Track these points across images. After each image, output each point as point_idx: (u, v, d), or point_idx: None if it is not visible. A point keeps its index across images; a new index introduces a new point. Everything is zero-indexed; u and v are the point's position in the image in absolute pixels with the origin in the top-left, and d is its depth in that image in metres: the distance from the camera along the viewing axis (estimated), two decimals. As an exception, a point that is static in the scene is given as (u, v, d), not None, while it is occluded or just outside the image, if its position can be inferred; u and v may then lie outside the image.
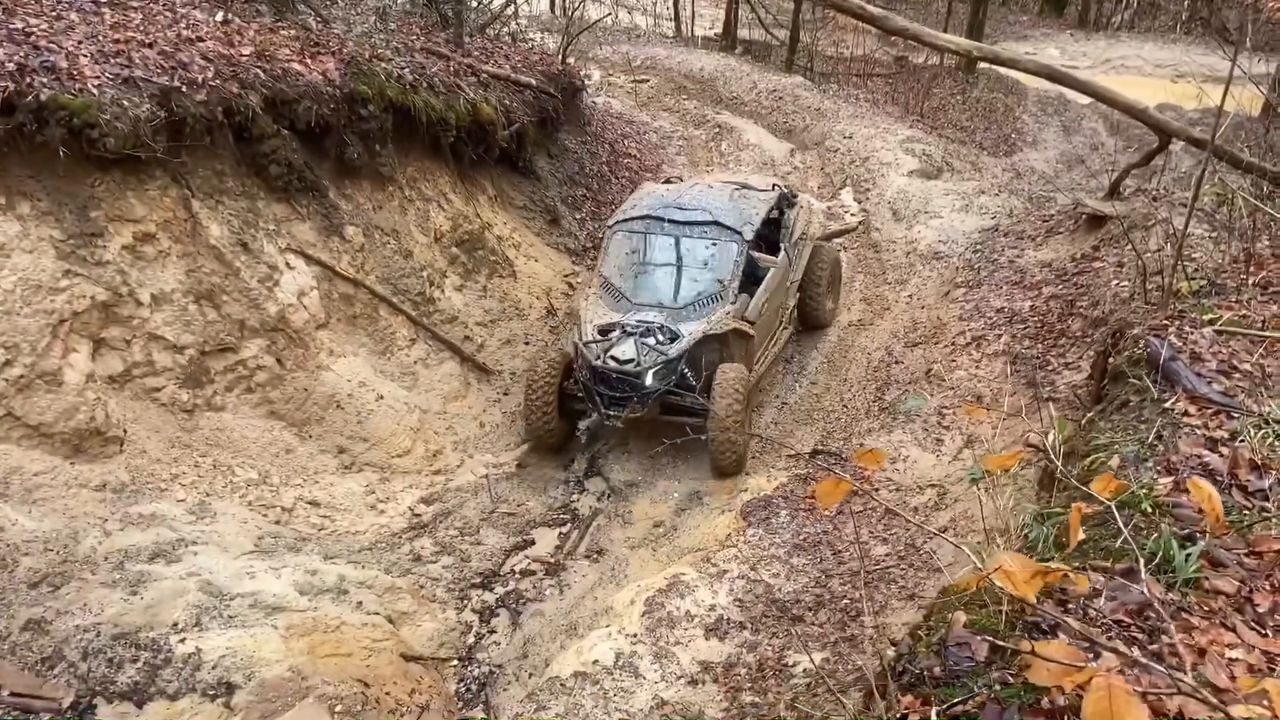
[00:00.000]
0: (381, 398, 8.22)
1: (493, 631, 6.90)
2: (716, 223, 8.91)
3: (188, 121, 7.11)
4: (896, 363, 9.84)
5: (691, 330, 8.31)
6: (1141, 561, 2.65)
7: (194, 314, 7.24)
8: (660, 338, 8.29)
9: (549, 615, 6.99)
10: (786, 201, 10.21)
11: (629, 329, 8.34)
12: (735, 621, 6.15)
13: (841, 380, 9.86)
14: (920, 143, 16.28)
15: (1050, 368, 8.22)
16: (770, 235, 9.79)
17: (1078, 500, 2.49)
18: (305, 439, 7.75)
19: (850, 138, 16.63)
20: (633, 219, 9.18)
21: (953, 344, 9.73)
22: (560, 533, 7.94)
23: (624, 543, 7.74)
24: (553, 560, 7.55)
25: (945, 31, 15.17)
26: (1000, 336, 9.38)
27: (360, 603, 6.49)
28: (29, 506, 6.03)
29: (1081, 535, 1.97)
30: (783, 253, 9.68)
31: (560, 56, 13.64)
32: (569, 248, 11.93)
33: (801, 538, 7.13)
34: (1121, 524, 2.37)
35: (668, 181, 10.72)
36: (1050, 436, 3.40)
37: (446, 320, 9.39)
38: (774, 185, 10.24)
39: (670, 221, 9.00)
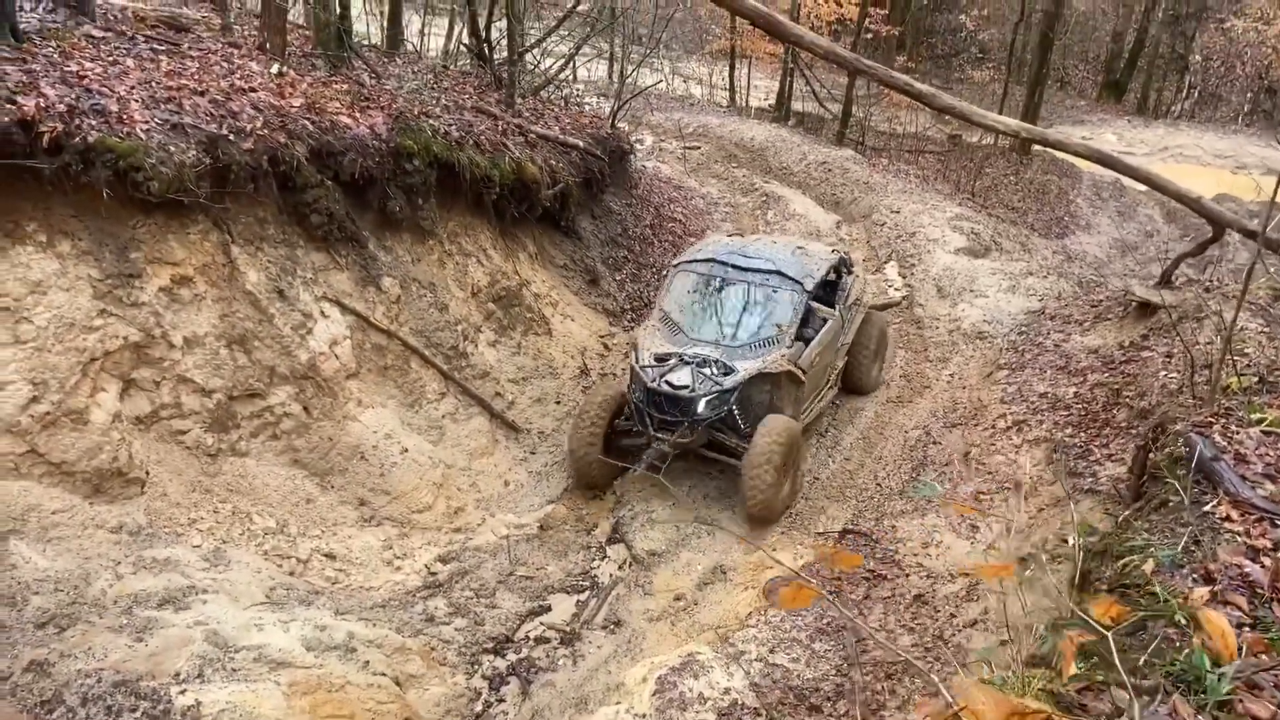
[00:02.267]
0: (406, 451, 8.16)
1: (501, 700, 6.71)
2: (779, 271, 9.21)
3: (233, 169, 7.21)
4: (934, 443, 9.59)
5: (747, 366, 8.52)
6: (1167, 682, 2.44)
7: (225, 358, 7.26)
8: (715, 370, 8.52)
9: (560, 687, 6.78)
10: (845, 266, 10.44)
11: (686, 358, 8.62)
12: (749, 708, 5.90)
13: (876, 458, 9.62)
14: (969, 221, 16.13)
15: (1093, 458, 7.93)
16: (826, 297, 9.93)
17: (1076, 626, 2.30)
18: (327, 489, 7.68)
19: (898, 212, 16.53)
20: (697, 260, 9.56)
21: (993, 427, 9.47)
22: (578, 600, 7.75)
23: (643, 614, 7.53)
24: (568, 629, 7.36)
25: (1001, 113, 15.09)
26: (1042, 422, 9.10)
27: (368, 662, 6.34)
28: (44, 545, 6.00)
29: (1074, 670, 1.79)
30: (836, 314, 9.78)
31: (611, 120, 13.75)
32: (607, 308, 11.90)
33: (825, 622, 6.87)
34: (1114, 646, 2.17)
35: (731, 236, 11.08)
36: (1071, 539, 3.20)
37: (478, 376, 9.35)
38: (833, 250, 10.48)
39: (734, 267, 9.33)
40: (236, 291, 7.44)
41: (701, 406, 8.40)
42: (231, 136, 7.23)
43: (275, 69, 8.66)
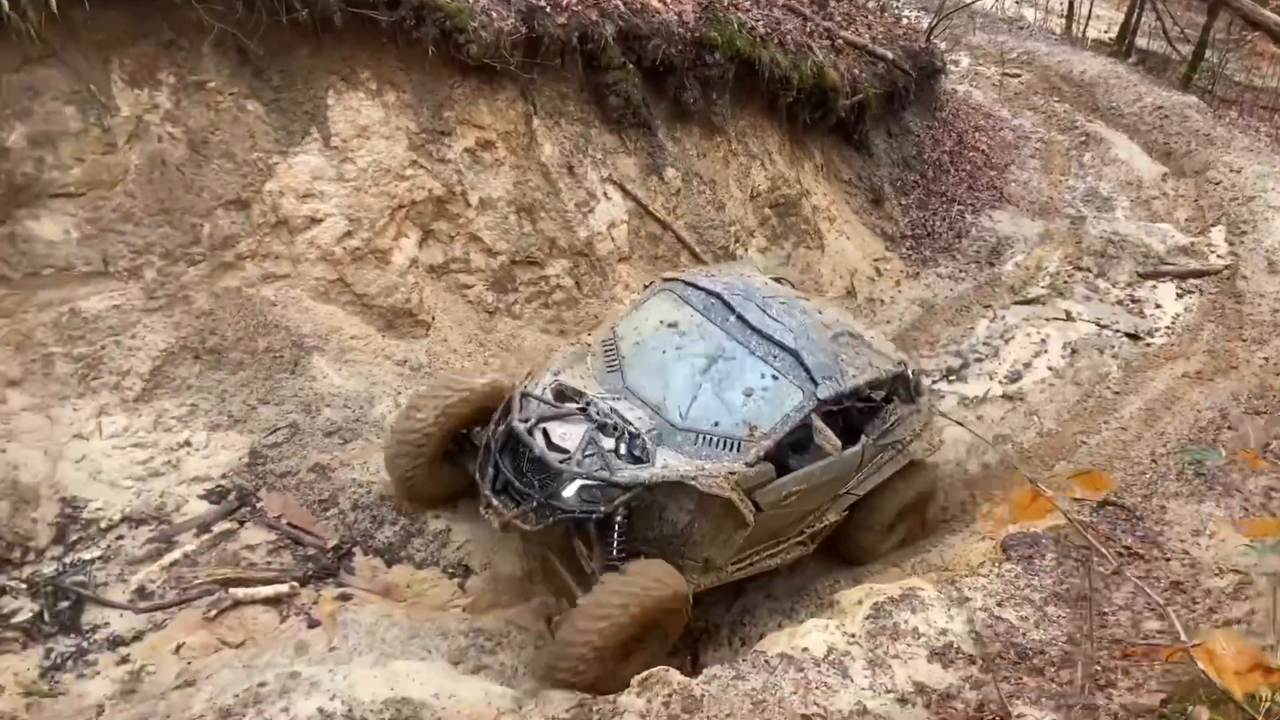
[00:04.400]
0: (664, 340, 8.36)
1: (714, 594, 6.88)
2: (794, 353, 6.30)
3: (544, 41, 7.53)
4: (1229, 428, 8.64)
5: (671, 464, 5.73)
6: None
7: (513, 224, 7.70)
8: (623, 448, 5.77)
9: (771, 591, 6.87)
10: (903, 388, 7.04)
11: (593, 413, 5.88)
12: (965, 653, 5.70)
13: (1157, 433, 8.81)
14: (1325, 192, 14.08)
15: None
16: (857, 422, 6.81)
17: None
18: (585, 363, 8.05)
19: (1238, 172, 14.68)
20: (695, 286, 6.71)
21: (1305, 422, 8.41)
22: (808, 514, 7.73)
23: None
24: (791, 540, 7.29)
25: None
26: (1368, 426, 7.97)
27: (601, 525, 6.66)
28: (340, 365, 6.72)
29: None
30: (858, 449, 6.63)
31: (926, 35, 13.03)
32: (886, 232, 11.48)
33: (1064, 587, 6.48)
34: None
35: (779, 280, 7.77)
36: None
37: (744, 279, 9.37)
38: (902, 362, 7.11)
39: (739, 317, 6.48)
40: (531, 162, 7.82)
41: (567, 491, 5.56)
42: (548, 9, 7.52)
43: (596, -52, 8.84)
